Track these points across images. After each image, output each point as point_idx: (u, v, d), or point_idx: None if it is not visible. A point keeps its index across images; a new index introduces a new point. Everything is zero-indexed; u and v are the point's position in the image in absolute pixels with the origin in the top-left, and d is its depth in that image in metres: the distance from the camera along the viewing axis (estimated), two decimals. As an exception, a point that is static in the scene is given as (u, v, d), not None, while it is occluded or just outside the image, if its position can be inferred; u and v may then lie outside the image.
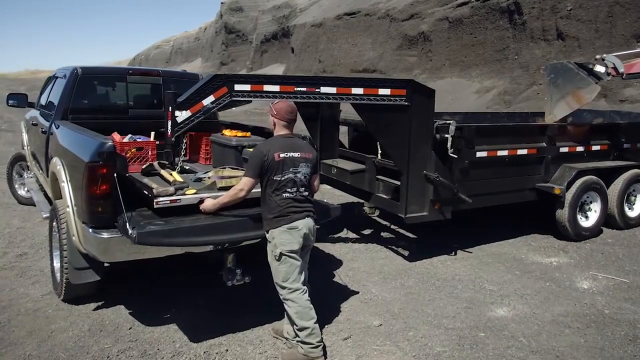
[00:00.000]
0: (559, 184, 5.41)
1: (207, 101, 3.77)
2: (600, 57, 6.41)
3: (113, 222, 3.14)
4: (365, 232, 5.90)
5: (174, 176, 3.55)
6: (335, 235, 5.70)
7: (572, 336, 3.51)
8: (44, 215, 4.28)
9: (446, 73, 22.14)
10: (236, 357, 3.16)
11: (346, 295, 4.12)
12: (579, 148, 5.75)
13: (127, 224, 2.92)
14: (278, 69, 36.00)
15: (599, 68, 6.22)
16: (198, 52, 59.53)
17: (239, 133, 4.31)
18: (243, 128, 4.78)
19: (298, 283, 3.07)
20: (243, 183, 3.06)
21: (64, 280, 3.59)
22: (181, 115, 3.76)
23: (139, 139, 4.10)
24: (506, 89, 18.25)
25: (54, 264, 3.92)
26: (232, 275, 3.40)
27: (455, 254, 5.16)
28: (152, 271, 4.31)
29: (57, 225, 3.67)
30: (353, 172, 5.34)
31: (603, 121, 7.00)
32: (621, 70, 6.24)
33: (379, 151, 5.22)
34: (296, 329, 3.08)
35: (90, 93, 4.79)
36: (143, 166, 3.80)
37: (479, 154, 5.00)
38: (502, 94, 18.12)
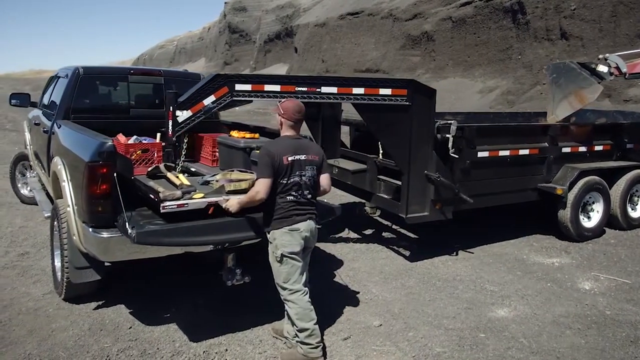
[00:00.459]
0: (561, 185, 5.39)
1: (208, 101, 3.77)
2: (603, 57, 6.39)
3: (113, 222, 3.14)
4: (366, 232, 5.89)
5: (181, 179, 3.48)
6: (336, 235, 5.70)
7: (573, 337, 3.49)
8: (46, 214, 4.30)
9: (449, 73, 22.12)
10: (236, 357, 3.16)
11: (347, 295, 4.11)
12: (582, 148, 5.72)
13: (127, 224, 2.92)
14: (281, 69, 36.04)
15: (602, 68, 6.20)
16: (202, 52, 59.72)
17: (247, 134, 4.22)
18: (243, 128, 4.76)
19: (299, 284, 3.07)
20: (259, 185, 2.92)
21: (65, 279, 3.60)
22: (182, 115, 3.76)
23: (145, 141, 4.07)
24: (509, 89, 18.21)
25: (55, 263, 3.93)
26: (232, 275, 3.39)
27: (456, 254, 5.15)
28: (152, 271, 4.32)
29: (58, 224, 3.68)
30: (354, 172, 5.34)
31: (606, 121, 6.96)
32: (624, 70, 6.22)
33: (380, 151, 5.22)
34: (296, 330, 3.08)
35: (92, 93, 4.80)
36: (149, 169, 3.75)
37: (481, 154, 4.99)
38: (505, 94, 18.09)
